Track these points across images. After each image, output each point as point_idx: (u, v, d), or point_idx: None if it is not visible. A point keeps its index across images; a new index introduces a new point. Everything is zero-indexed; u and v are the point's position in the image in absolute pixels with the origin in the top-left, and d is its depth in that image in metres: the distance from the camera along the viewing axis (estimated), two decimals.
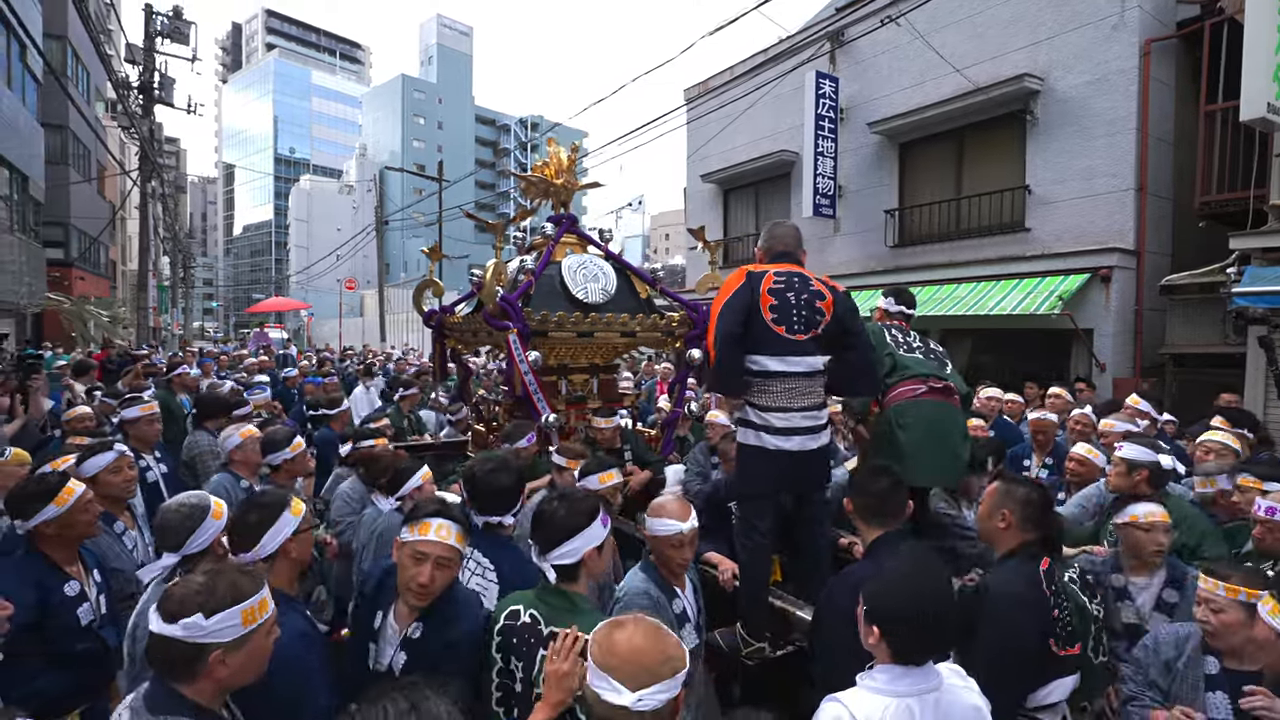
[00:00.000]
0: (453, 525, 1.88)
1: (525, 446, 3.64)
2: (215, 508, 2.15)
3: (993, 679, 1.70)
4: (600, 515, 1.95)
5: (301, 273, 46.97)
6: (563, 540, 1.87)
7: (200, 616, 1.36)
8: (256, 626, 1.43)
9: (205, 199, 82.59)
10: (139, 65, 16.23)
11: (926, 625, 1.51)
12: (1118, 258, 8.27)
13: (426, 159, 53.97)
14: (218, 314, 69.47)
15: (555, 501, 1.98)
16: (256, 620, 1.43)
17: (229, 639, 1.39)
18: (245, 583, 1.45)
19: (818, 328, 2.78)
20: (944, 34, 9.82)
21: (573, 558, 1.87)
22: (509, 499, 2.39)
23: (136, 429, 3.88)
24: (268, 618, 1.47)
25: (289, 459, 3.39)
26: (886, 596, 1.56)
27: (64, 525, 2.27)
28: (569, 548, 1.87)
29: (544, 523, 1.92)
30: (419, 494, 2.84)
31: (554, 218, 4.60)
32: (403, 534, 1.88)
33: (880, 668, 1.53)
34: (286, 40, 77.47)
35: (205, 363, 10.45)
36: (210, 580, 1.42)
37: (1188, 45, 8.41)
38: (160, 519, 2.14)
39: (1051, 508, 2.32)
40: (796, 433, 2.73)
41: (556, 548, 1.87)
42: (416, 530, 1.85)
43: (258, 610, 1.44)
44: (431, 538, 1.83)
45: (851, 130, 11.30)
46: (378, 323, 26.72)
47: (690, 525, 2.25)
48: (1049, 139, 8.95)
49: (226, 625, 1.38)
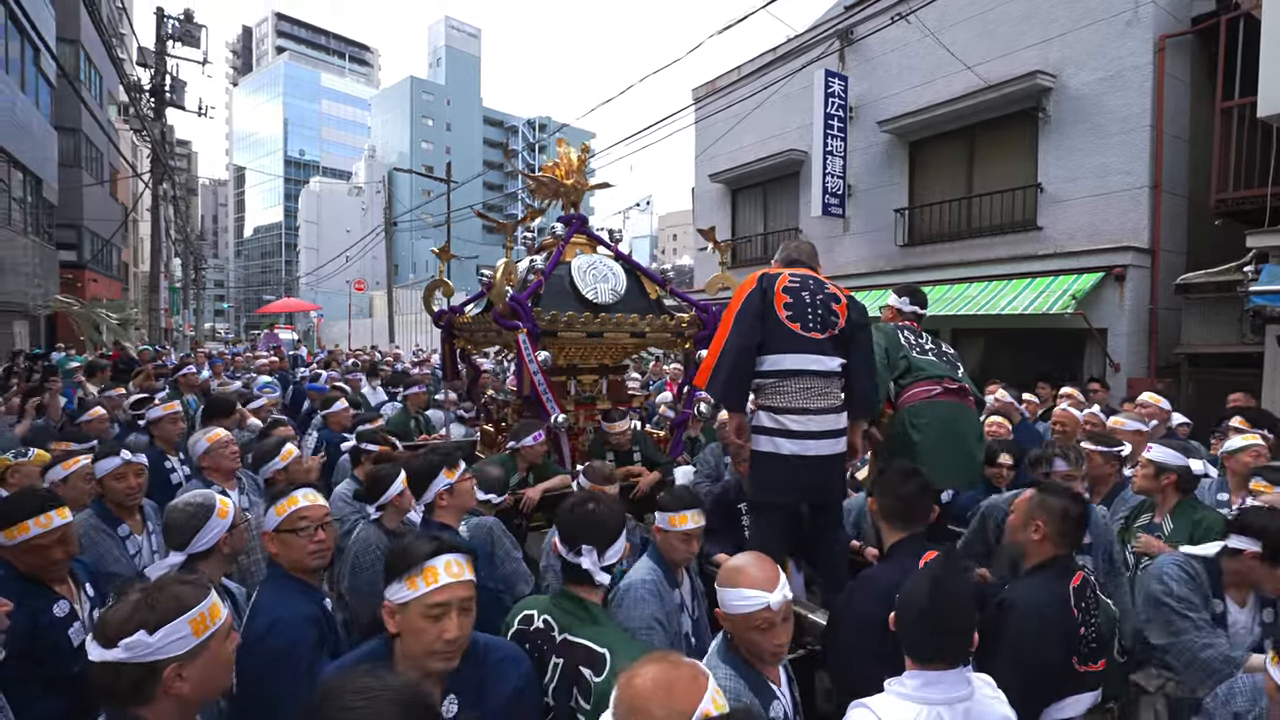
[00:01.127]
0: (460, 556, 1.55)
1: (531, 445, 3.67)
2: (221, 506, 2.14)
3: (1010, 696, 1.67)
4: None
5: (311, 274, 47.23)
6: (615, 539, 1.88)
7: (144, 633, 1.28)
8: (211, 634, 1.37)
9: (216, 201, 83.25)
10: (151, 68, 16.38)
11: (935, 624, 1.48)
12: (1132, 256, 8.17)
13: (435, 160, 54.19)
14: (229, 315, 70.01)
15: (591, 503, 1.94)
16: (209, 628, 1.37)
17: (182, 651, 1.31)
18: (188, 592, 1.37)
19: (834, 329, 2.74)
20: (954, 31, 9.74)
21: (614, 558, 1.87)
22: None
23: (160, 429, 3.94)
24: (222, 623, 1.41)
25: (280, 469, 3.24)
26: (904, 592, 1.58)
27: (31, 551, 2.08)
28: (617, 547, 1.88)
29: (593, 523, 1.86)
30: (400, 501, 2.73)
31: (564, 218, 4.59)
32: (398, 593, 1.49)
33: (910, 673, 1.51)
34: (296, 43, 77.98)
35: (216, 363, 10.52)
36: (149, 595, 1.34)
37: (1203, 41, 8.31)
38: (167, 518, 2.14)
39: (1086, 521, 2.25)
40: (813, 436, 2.65)
41: (611, 547, 1.86)
42: (420, 580, 1.48)
43: (208, 617, 1.37)
44: (445, 581, 1.49)
45: (861, 129, 11.24)
46: (387, 323, 26.81)
47: (781, 596, 1.67)
48: (1062, 136, 8.86)
49: (176, 638, 1.31)
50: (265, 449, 3.38)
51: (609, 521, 1.88)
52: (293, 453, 3.32)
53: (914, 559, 2.07)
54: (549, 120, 68.63)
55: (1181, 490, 2.80)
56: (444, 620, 1.47)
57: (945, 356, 3.13)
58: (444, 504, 2.55)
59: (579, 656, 1.67)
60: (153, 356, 11.26)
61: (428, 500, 2.55)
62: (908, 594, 1.57)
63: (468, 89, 65.81)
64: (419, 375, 8.44)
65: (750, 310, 2.67)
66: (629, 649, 1.68)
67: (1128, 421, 3.84)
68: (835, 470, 2.81)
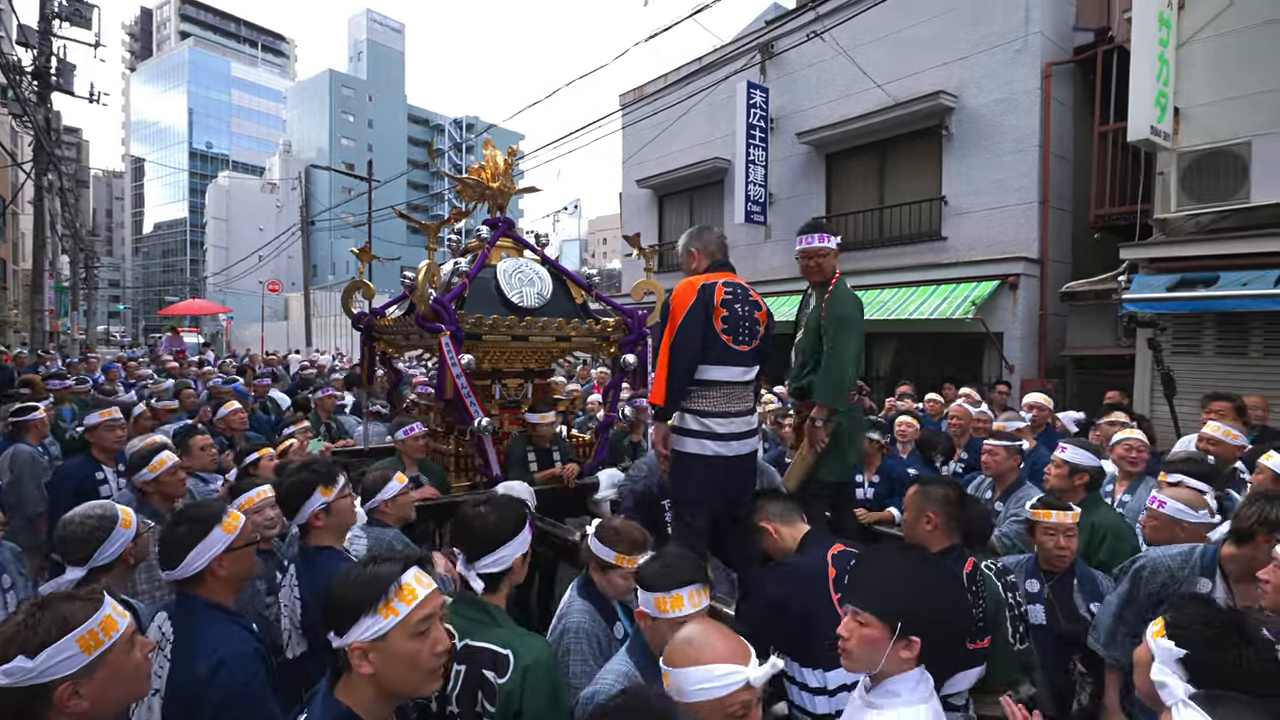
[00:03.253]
0: (419, 568, 1.43)
1: (403, 439, 3.90)
2: (124, 516, 2.04)
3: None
4: (528, 522, 1.91)
5: (220, 274, 44.48)
6: (494, 548, 1.80)
7: (22, 659, 1.22)
8: (107, 647, 1.31)
9: (111, 194, 77.14)
10: (33, 49, 15.07)
11: (963, 630, 1.52)
12: (1024, 266, 8.85)
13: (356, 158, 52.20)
14: (125, 317, 65.04)
15: (483, 507, 1.89)
16: (103, 643, 1.31)
17: (71, 671, 1.26)
18: (75, 609, 1.31)
19: (758, 338, 2.88)
20: (867, 50, 10.26)
21: (501, 565, 1.82)
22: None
23: (97, 437, 3.74)
24: (120, 635, 1.35)
25: (149, 480, 2.97)
26: (932, 608, 1.46)
27: None
28: (499, 555, 1.80)
29: (473, 529, 1.82)
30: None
31: (490, 221, 4.57)
32: (371, 627, 1.31)
33: (900, 678, 1.45)
34: (202, 29, 73.33)
35: (111, 369, 9.81)
36: (29, 617, 1.28)
37: (1084, 70, 9.10)
38: (62, 531, 2.01)
39: (966, 503, 2.43)
40: (736, 438, 2.81)
41: (488, 555, 1.79)
42: (399, 603, 1.33)
43: (101, 631, 1.31)
44: (425, 593, 1.37)
45: (781, 140, 11.66)
46: (304, 326, 25.63)
47: (764, 672, 1.38)
48: (963, 153, 9.49)
49: (61, 658, 1.26)
50: (135, 460, 3.06)
51: (489, 529, 1.82)
52: (166, 462, 3.00)
53: (823, 549, 2.19)
54: (476, 120, 67.38)
55: (1089, 490, 3.00)
56: (433, 632, 1.37)
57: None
58: (320, 524, 2.28)
59: (482, 660, 1.65)
60: (34, 364, 10.38)
61: (300, 522, 2.29)
62: (938, 614, 1.48)
63: (391, 85, 63.77)
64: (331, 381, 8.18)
65: (696, 324, 2.74)
66: (531, 646, 1.69)
67: (1009, 424, 4.24)
68: (751, 467, 2.97)
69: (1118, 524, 2.98)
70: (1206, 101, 6.80)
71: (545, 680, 1.66)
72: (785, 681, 2.09)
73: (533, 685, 1.62)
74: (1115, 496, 3.59)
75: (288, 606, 2.21)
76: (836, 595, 2.05)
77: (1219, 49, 6.71)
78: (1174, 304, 6.55)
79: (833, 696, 2.01)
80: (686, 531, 2.84)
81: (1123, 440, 3.68)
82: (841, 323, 3.01)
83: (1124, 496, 3.58)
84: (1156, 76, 6.67)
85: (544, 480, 4.12)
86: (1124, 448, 3.65)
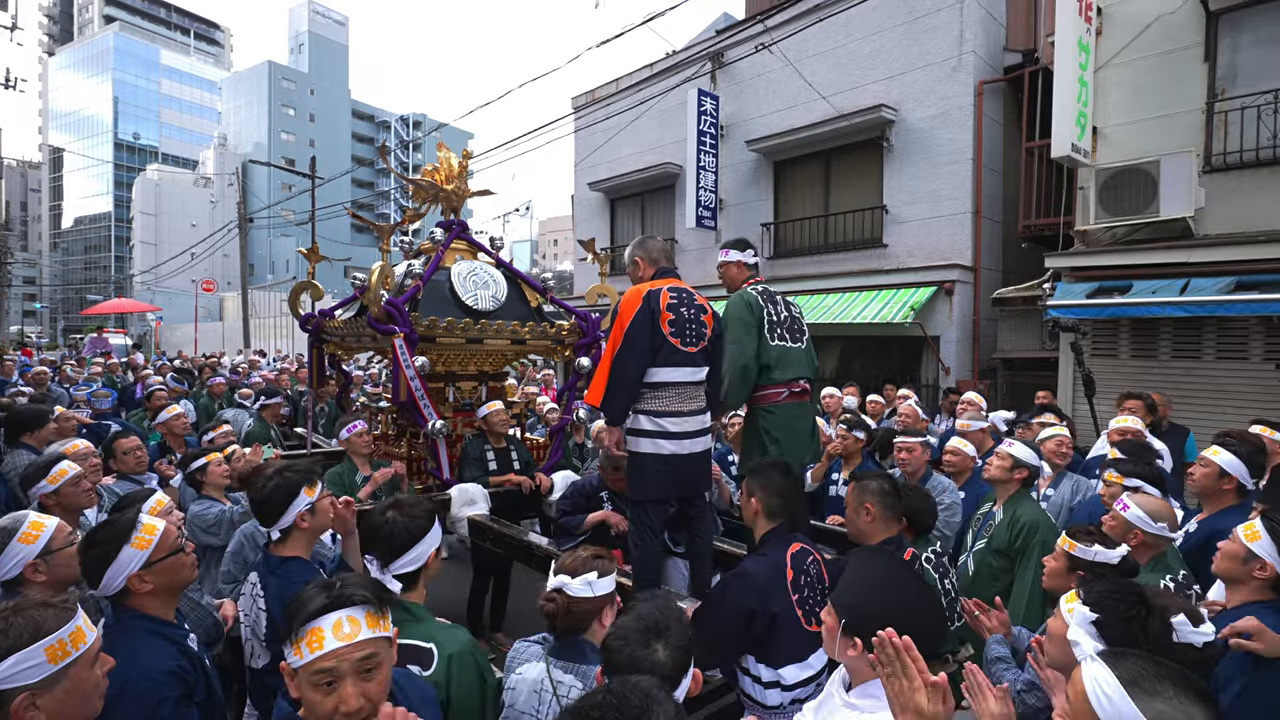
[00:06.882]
0: (355, 610, 1.30)
1: (346, 436, 4.00)
2: (28, 531, 1.90)
3: None
4: (435, 519, 1.96)
5: (148, 272, 42.34)
6: (407, 549, 1.84)
7: None
8: (71, 661, 1.28)
9: (27, 185, 72.37)
10: None
11: (922, 630, 1.44)
12: (958, 273, 9.30)
13: (297, 153, 50.57)
14: (42, 317, 61.12)
15: (390, 511, 1.90)
16: (69, 654, 1.28)
17: (33, 680, 1.23)
18: (48, 616, 1.28)
19: (705, 340, 2.99)
20: (812, 62, 10.61)
21: (417, 564, 1.86)
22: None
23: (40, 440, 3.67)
24: (86, 649, 1.32)
25: (48, 492, 2.70)
26: (882, 612, 1.45)
27: None
28: (413, 555, 1.84)
29: (384, 534, 1.85)
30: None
31: (444, 223, 4.57)
32: (290, 656, 1.29)
33: (871, 685, 1.46)
34: (129, 13, 69.59)
35: (29, 371, 9.25)
36: (1, 620, 1.25)
37: (1013, 88, 9.63)
38: None
39: (900, 493, 2.56)
40: (689, 436, 2.91)
41: (401, 556, 1.83)
42: (305, 645, 1.26)
43: (69, 643, 1.28)
44: (333, 646, 1.26)
45: (731, 147, 11.91)
46: (240, 327, 24.65)
47: None
48: (903, 164, 9.91)
49: (27, 666, 1.22)
50: (29, 473, 2.81)
51: (399, 532, 1.85)
52: (67, 472, 2.74)
53: (782, 550, 2.20)
54: (424, 118, 66.14)
55: (1024, 484, 3.17)
56: (339, 690, 1.26)
57: (796, 332, 3.23)
58: (305, 525, 2.24)
59: (408, 656, 1.68)
60: None
61: (285, 525, 2.19)
62: (910, 607, 1.50)
63: (334, 79, 61.89)
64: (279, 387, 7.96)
65: (642, 331, 2.82)
66: (454, 637, 1.75)
67: (971, 424, 4.50)
68: (705, 465, 3.08)
69: (1038, 518, 3.09)
70: (1122, 122, 7.32)
71: (470, 667, 1.72)
72: (737, 671, 2.15)
73: (458, 674, 1.68)
74: (1041, 490, 3.84)
75: (249, 616, 2.15)
76: (795, 596, 2.11)
77: (1133, 74, 7.23)
78: (1093, 310, 7.00)
79: (787, 690, 2.06)
80: (645, 530, 2.92)
81: (1053, 436, 3.97)
82: (729, 322, 3.09)
83: (1048, 491, 3.85)
84: (1077, 98, 7.13)
85: (499, 484, 4.15)
86: (1055, 443, 3.93)
